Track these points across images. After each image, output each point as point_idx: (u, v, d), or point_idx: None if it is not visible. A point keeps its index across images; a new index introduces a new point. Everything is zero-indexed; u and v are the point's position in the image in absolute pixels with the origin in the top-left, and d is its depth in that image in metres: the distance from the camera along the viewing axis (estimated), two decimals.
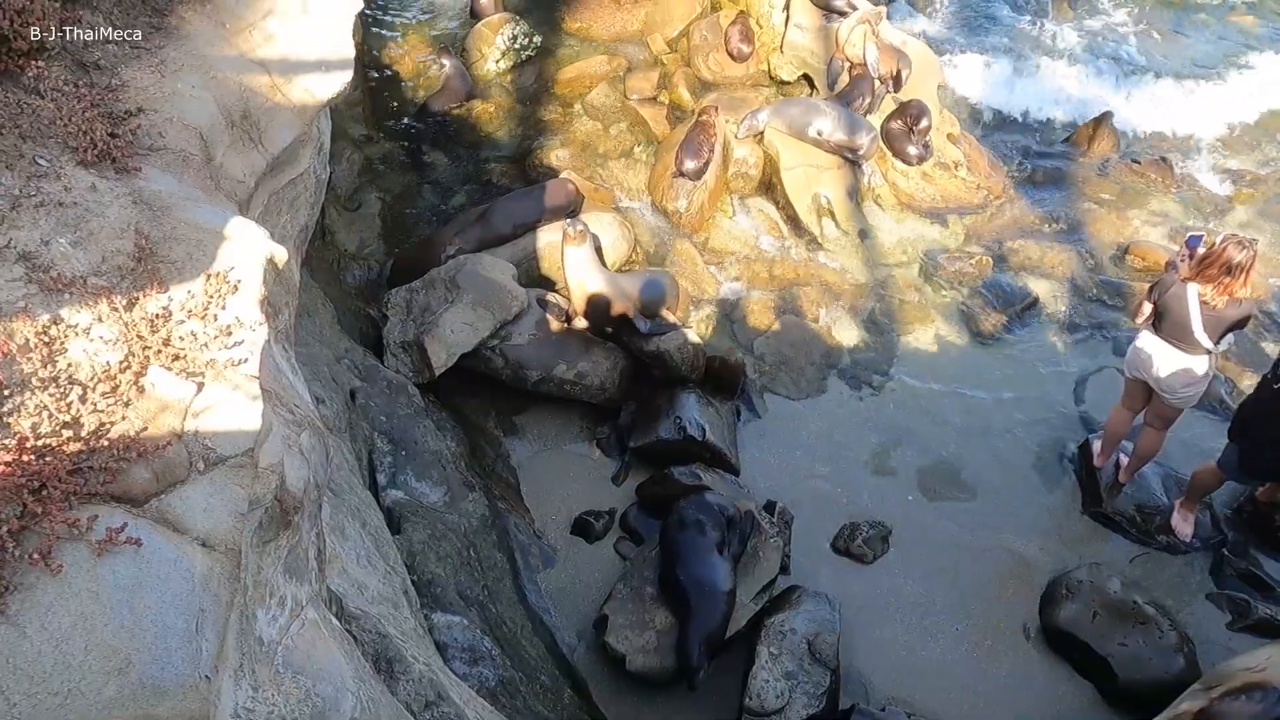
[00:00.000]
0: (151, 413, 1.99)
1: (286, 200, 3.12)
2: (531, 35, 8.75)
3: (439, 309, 5.89)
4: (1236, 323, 4.64)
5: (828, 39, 8.14)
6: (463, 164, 7.88)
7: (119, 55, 2.55)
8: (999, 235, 7.59)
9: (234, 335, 2.19)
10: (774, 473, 5.88)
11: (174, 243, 2.23)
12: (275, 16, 2.89)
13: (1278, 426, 4.65)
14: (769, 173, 7.65)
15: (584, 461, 5.84)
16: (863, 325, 6.85)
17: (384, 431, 5.16)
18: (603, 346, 6.07)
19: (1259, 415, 4.73)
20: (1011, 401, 6.35)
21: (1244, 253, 4.44)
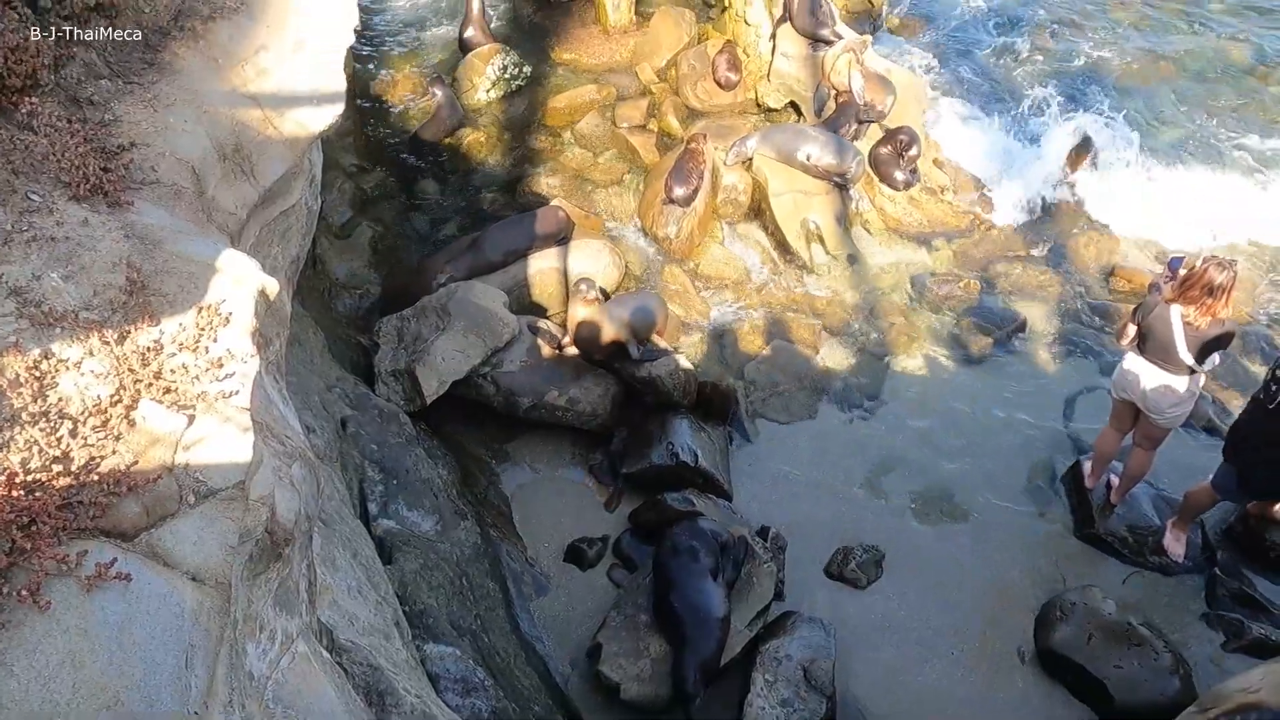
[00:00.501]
0: (142, 446, 1.99)
1: (278, 231, 3.14)
2: (521, 65, 8.84)
3: (430, 337, 5.90)
4: (1219, 342, 4.69)
5: (814, 67, 8.26)
6: (454, 192, 7.93)
7: (112, 91, 2.57)
8: (986, 259, 7.66)
9: (225, 367, 2.20)
10: (767, 497, 5.88)
11: (166, 276, 2.24)
12: (268, 52, 2.92)
13: (1274, 448, 4.68)
14: (758, 199, 7.72)
15: (576, 488, 5.83)
16: (853, 349, 6.89)
17: (375, 460, 5.14)
18: (594, 373, 6.07)
19: (1254, 435, 4.75)
20: (1002, 423, 6.37)
21: (1225, 274, 4.50)
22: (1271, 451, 4.70)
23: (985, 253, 7.72)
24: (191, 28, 2.81)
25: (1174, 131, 9.11)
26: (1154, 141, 8.93)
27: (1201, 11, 10.86)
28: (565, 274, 6.79)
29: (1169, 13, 10.83)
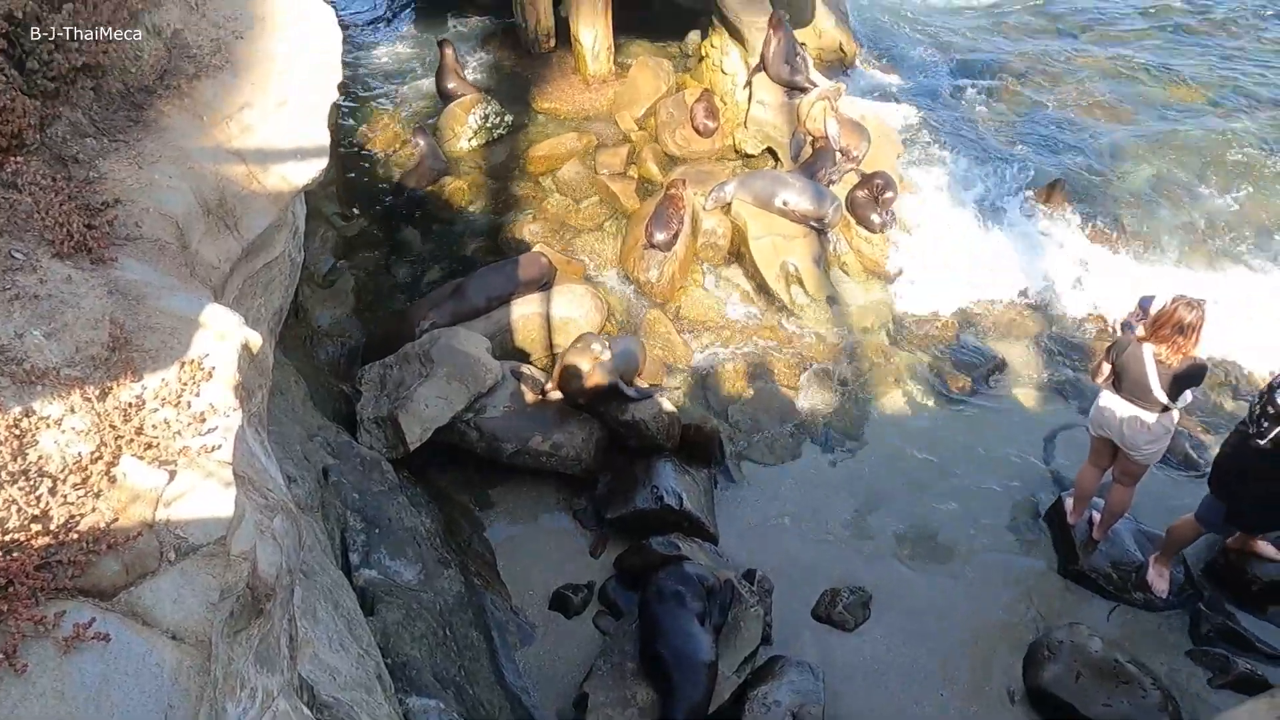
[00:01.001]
0: (122, 503, 1.98)
1: (261, 283, 3.16)
2: (503, 115, 8.99)
3: (413, 383, 5.90)
4: (1192, 379, 4.77)
5: (790, 114, 8.46)
6: (436, 240, 8.00)
7: (98, 149, 2.61)
8: (964, 296, 7.78)
9: (207, 422, 2.20)
10: (752, 540, 5.86)
11: (149, 331, 2.25)
12: (252, 108, 2.97)
13: (1262, 483, 4.72)
14: (737, 242, 7.84)
15: (561, 534, 5.79)
16: (835, 389, 6.95)
17: (357, 509, 5.09)
18: (578, 417, 6.08)
19: (1242, 469, 4.76)
20: (983, 461, 6.42)
21: (1194, 313, 4.60)
22: (1260, 486, 4.74)
23: (963, 290, 7.83)
24: (177, 85, 2.85)
25: (1144, 171, 9.36)
26: (1124, 184, 9.17)
27: (1160, 60, 11.23)
28: (548, 319, 6.83)
29: (1128, 62, 11.20)
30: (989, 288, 7.85)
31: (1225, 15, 12.02)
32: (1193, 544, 5.48)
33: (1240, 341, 7.26)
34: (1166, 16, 12.00)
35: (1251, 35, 11.62)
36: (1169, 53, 11.31)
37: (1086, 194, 8.96)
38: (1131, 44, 11.45)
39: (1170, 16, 12.02)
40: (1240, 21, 11.88)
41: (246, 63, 3.06)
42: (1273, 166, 9.31)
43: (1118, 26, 11.86)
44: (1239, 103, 10.30)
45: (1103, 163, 9.46)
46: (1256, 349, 7.24)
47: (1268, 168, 9.29)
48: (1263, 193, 8.96)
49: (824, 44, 10.23)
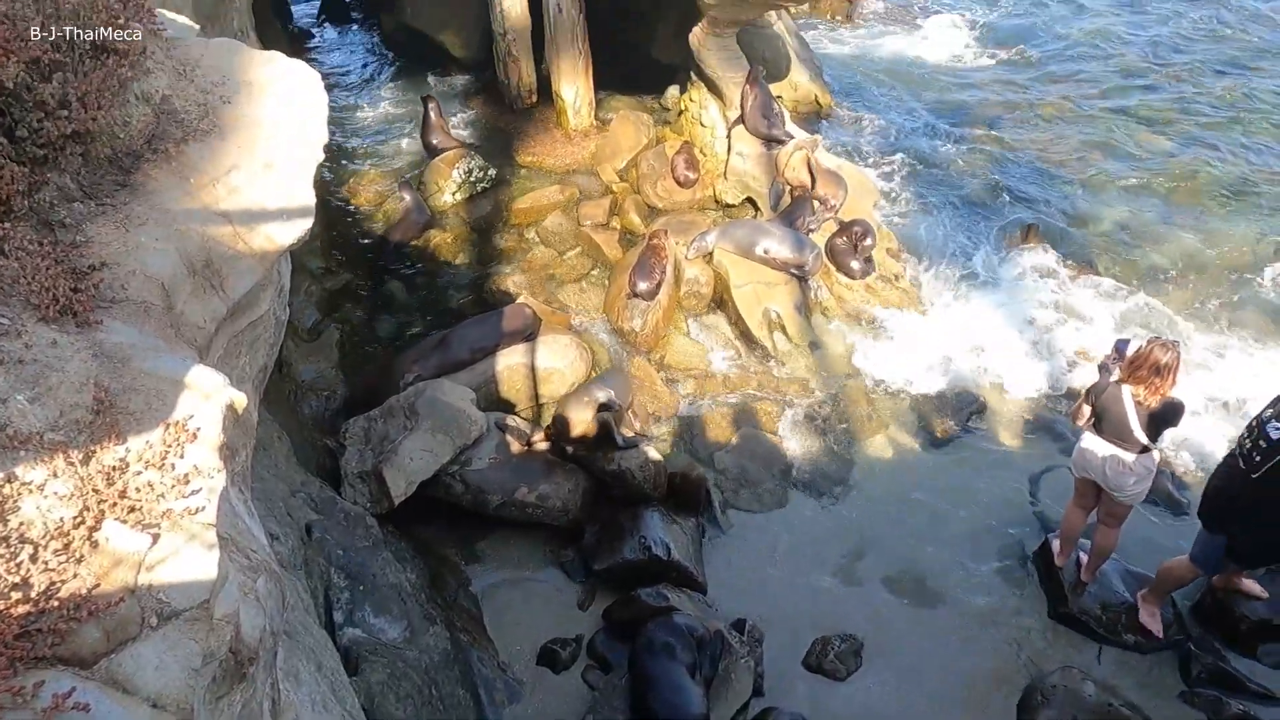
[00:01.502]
0: (104, 568, 1.96)
1: (246, 342, 3.17)
2: (486, 168, 9.13)
3: (398, 437, 5.88)
4: (1170, 419, 4.84)
5: (768, 164, 8.64)
6: (421, 292, 8.04)
7: (85, 213, 2.63)
8: (945, 339, 7.87)
9: (191, 483, 2.19)
10: (741, 589, 5.82)
11: (133, 393, 2.26)
12: (239, 171, 3.02)
13: (1256, 517, 4.73)
14: (720, 290, 7.93)
15: (548, 587, 5.73)
16: (820, 435, 6.98)
17: (341, 566, 5.03)
18: (563, 468, 6.07)
19: (1239, 503, 4.77)
20: (969, 504, 6.44)
21: (1169, 354, 4.69)
22: (1258, 519, 4.76)
23: (943, 334, 7.92)
24: (165, 150, 2.90)
25: (1114, 213, 9.59)
26: (1096, 226, 9.39)
27: (1127, 103, 11.60)
28: (533, 370, 6.85)
29: (1102, 106, 11.56)
30: (968, 330, 7.95)
31: (1183, 67, 12.46)
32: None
33: (1216, 377, 7.38)
34: (1130, 70, 12.42)
35: (1207, 86, 12.04)
36: (1132, 101, 11.68)
37: (1060, 237, 9.16)
38: (1096, 94, 11.82)
39: (1132, 69, 12.44)
40: (1197, 73, 12.31)
41: (234, 127, 3.11)
42: (1234, 208, 9.58)
43: (1082, 77, 12.26)
44: (1200, 150, 10.62)
45: (1074, 206, 9.70)
46: (1232, 383, 7.36)
47: (1230, 209, 9.56)
48: (1227, 234, 9.20)
49: (800, 96, 10.51)
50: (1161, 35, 13.30)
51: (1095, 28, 13.52)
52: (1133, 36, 13.29)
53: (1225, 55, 12.67)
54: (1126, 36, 13.27)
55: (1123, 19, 13.83)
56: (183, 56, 3.24)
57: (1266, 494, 4.61)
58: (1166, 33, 13.36)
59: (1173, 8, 14.14)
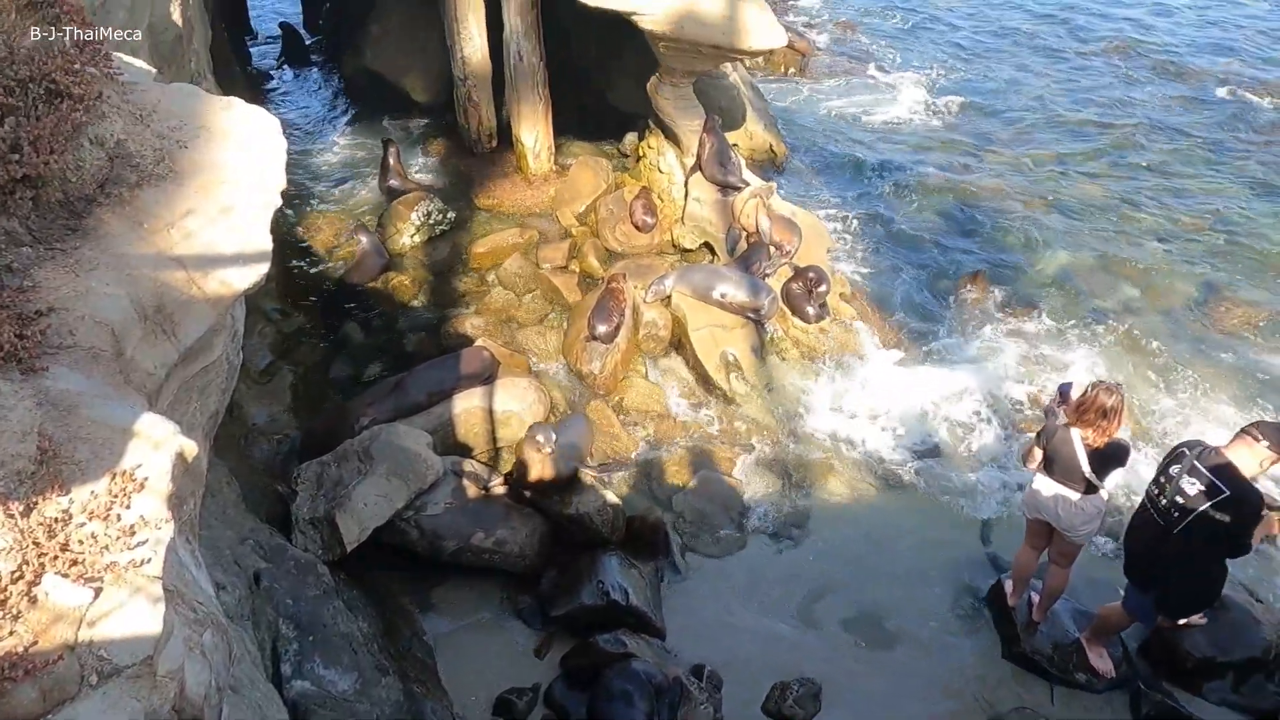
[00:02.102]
0: (43, 624, 1.90)
1: (197, 388, 3.12)
2: (445, 211, 9.15)
3: (351, 482, 5.78)
4: (1118, 459, 4.97)
5: (725, 210, 8.81)
6: (378, 335, 7.98)
7: (34, 257, 2.59)
8: (898, 382, 8.02)
9: (137, 535, 2.14)
10: (700, 633, 5.79)
11: (79, 442, 2.21)
12: (194, 215, 3.00)
13: (1185, 567, 4.82)
14: (678, 333, 8.01)
15: (504, 634, 5.64)
16: (777, 477, 7.03)
17: (290, 616, 4.90)
18: (520, 512, 6.02)
19: (1164, 560, 4.84)
20: (924, 545, 6.52)
21: (1114, 397, 4.84)
22: (1184, 572, 4.86)
23: (896, 377, 8.08)
24: (119, 194, 2.87)
25: (1058, 259, 9.94)
26: (1040, 272, 9.72)
27: (1069, 156, 12.12)
28: (490, 413, 6.81)
29: (1044, 158, 12.05)
30: (920, 374, 8.13)
31: (1121, 125, 13.08)
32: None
33: (1156, 417, 7.64)
34: (1072, 126, 12.99)
35: (1151, 137, 12.65)
36: (1074, 154, 12.20)
37: (1007, 282, 9.45)
38: (1041, 148, 12.33)
39: (1074, 125, 13.02)
40: (1142, 126, 12.94)
41: (190, 171, 3.10)
42: (1171, 253, 10.03)
43: (1028, 132, 12.79)
44: (1136, 199, 11.11)
45: (1019, 253, 10.03)
46: (1172, 421, 7.62)
47: (1163, 254, 10.00)
48: (1162, 277, 9.60)
49: (755, 145, 10.77)
50: (1102, 94, 13.97)
51: (1041, 86, 14.16)
52: (1075, 95, 13.93)
53: (1156, 113, 13.34)
54: (1069, 95, 13.91)
55: (1066, 79, 14.51)
56: (139, 101, 3.23)
57: (1190, 548, 4.71)
58: (1107, 93, 14.04)
59: (1111, 70, 14.88)
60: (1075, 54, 15.55)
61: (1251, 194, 11.28)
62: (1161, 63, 15.03)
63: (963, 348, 8.51)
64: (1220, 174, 11.77)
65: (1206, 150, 12.34)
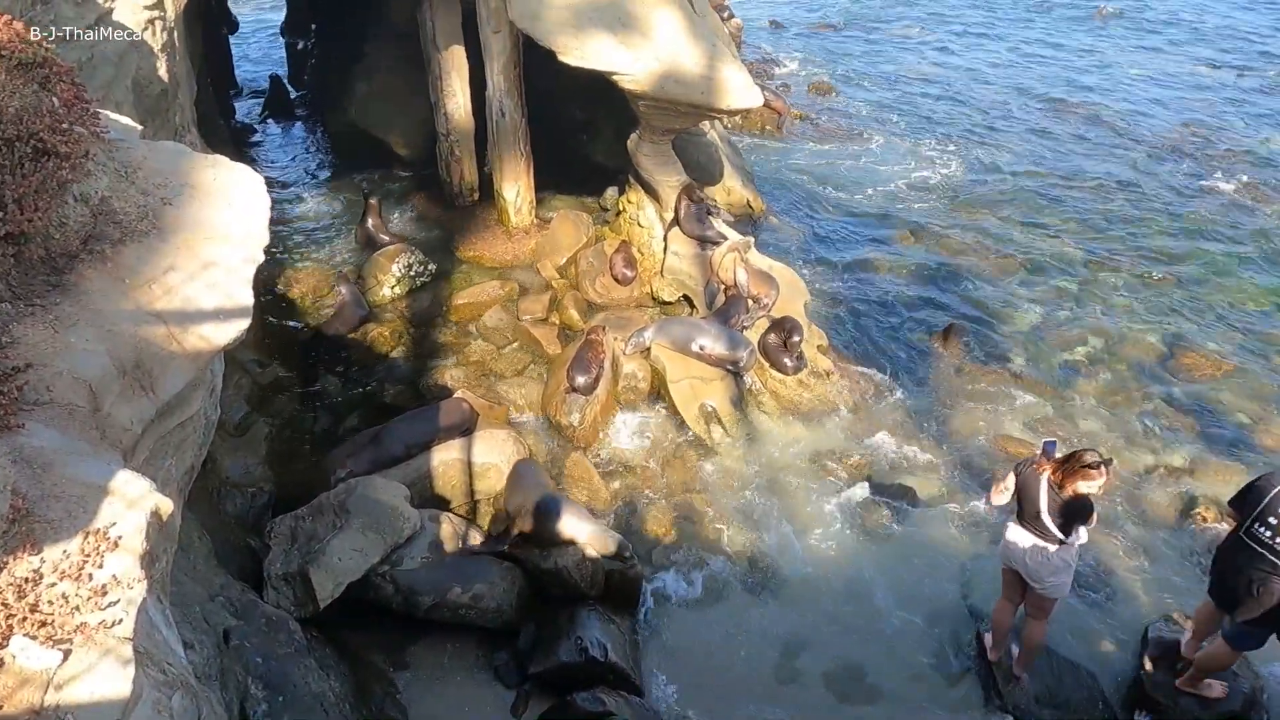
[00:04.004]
0: (9, 688, 1.87)
1: (174, 443, 3.10)
2: (426, 263, 9.22)
3: (326, 536, 5.71)
4: (1080, 513, 5.00)
5: (703, 264, 8.95)
6: (356, 386, 7.95)
7: (13, 313, 2.59)
8: (874, 433, 8.11)
9: (109, 594, 2.12)
10: (679, 689, 5.72)
11: (53, 500, 2.19)
12: (176, 271, 3.02)
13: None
14: (657, 385, 8.06)
15: (480, 693, 5.53)
16: (756, 527, 7.02)
17: (259, 676, 4.78)
18: (499, 566, 5.96)
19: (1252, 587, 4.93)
20: (904, 596, 6.51)
21: (1095, 458, 4.87)
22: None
23: (873, 428, 8.18)
24: (101, 251, 2.89)
25: (1030, 315, 10.16)
26: (1012, 326, 9.92)
27: (1040, 215, 12.47)
28: (469, 465, 6.78)
29: (1015, 216, 12.38)
30: (896, 425, 8.21)
31: (1094, 180, 13.52)
32: (1105, 672, 5.61)
33: (1122, 467, 7.74)
34: (1043, 184, 13.40)
35: (1119, 196, 13.06)
36: (1045, 213, 12.56)
37: (979, 336, 9.62)
38: (1013, 207, 12.68)
39: (1045, 183, 13.43)
40: (1108, 185, 13.37)
41: (174, 228, 3.13)
42: (1136, 307, 10.28)
43: (1000, 191, 13.16)
44: (1105, 256, 11.42)
45: (991, 308, 10.24)
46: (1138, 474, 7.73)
47: (1132, 308, 10.25)
48: (1131, 331, 9.82)
49: (733, 200, 10.98)
50: (1070, 156, 14.46)
51: (1012, 148, 14.63)
52: (1044, 157, 14.41)
53: (1124, 172, 13.80)
54: (1038, 157, 14.38)
55: (1036, 141, 15.01)
56: (125, 158, 3.27)
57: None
58: (1074, 155, 14.53)
59: (1077, 132, 15.44)
60: (1043, 117, 16.12)
61: (1215, 249, 11.65)
62: (1123, 126, 15.61)
63: (936, 401, 8.62)
64: (1186, 230, 12.15)
65: (1170, 207, 12.75)
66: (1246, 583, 4.97)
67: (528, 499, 6.10)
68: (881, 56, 19.65)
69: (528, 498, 6.11)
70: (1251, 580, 4.94)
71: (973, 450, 8.07)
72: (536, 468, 6.65)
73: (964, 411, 8.47)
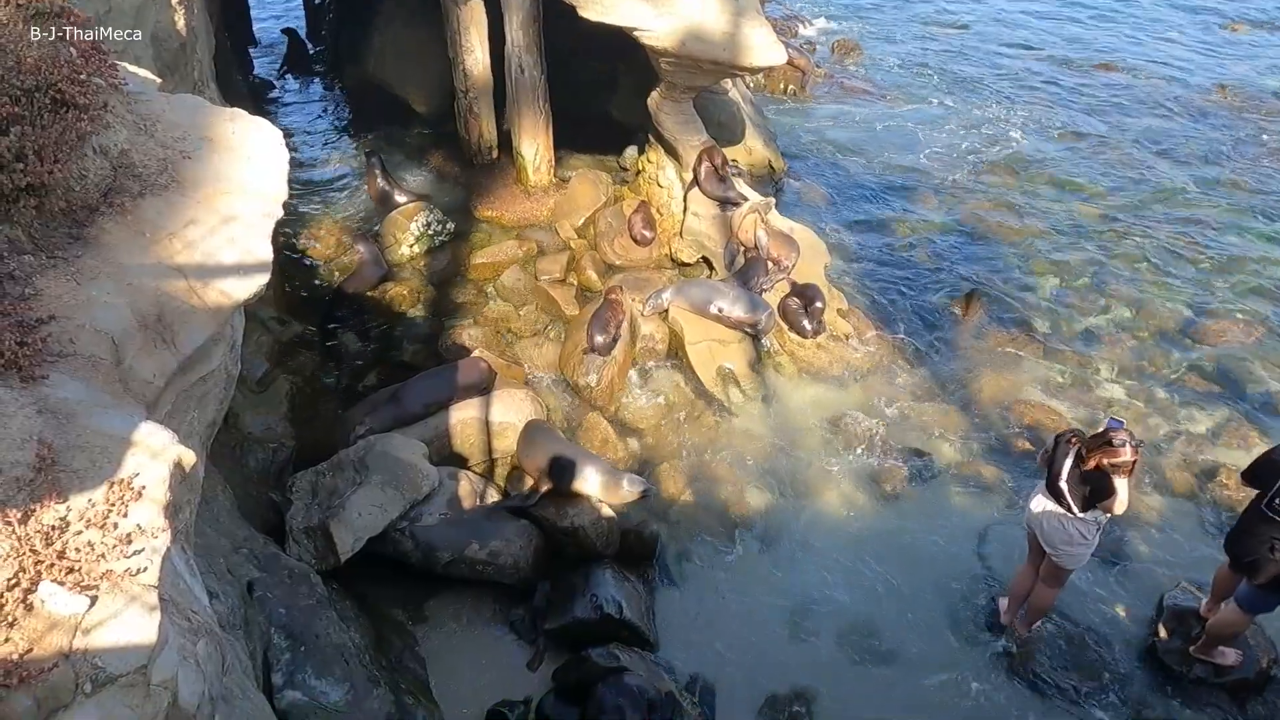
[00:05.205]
0: (39, 632, 1.91)
1: (195, 397, 3.13)
2: (445, 222, 9.18)
3: (346, 491, 5.78)
4: (1100, 491, 4.92)
5: (723, 225, 8.85)
6: (375, 345, 7.99)
7: (35, 266, 2.61)
8: (893, 398, 8.07)
9: (134, 543, 2.15)
10: (693, 645, 5.80)
11: (78, 450, 2.22)
12: (196, 225, 3.02)
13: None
14: (675, 347, 8.03)
15: (497, 647, 5.64)
16: (773, 489, 7.04)
17: (282, 626, 4.89)
18: (516, 524, 6.02)
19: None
20: (919, 559, 6.53)
21: (1126, 445, 4.75)
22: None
23: (892, 392, 8.13)
24: (121, 204, 2.89)
25: (1051, 281, 10.00)
26: (1035, 292, 9.77)
27: (1067, 178, 12.20)
28: (487, 424, 6.82)
29: (1042, 179, 12.12)
30: (915, 389, 8.16)
31: (1122, 141, 13.19)
32: (1119, 638, 5.63)
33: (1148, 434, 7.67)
34: (1070, 147, 13.09)
35: (1149, 159, 12.74)
36: (1074, 176, 12.28)
37: (1001, 302, 9.49)
38: (1038, 170, 12.40)
39: (1073, 146, 13.11)
40: (1138, 148, 13.04)
41: (193, 182, 3.13)
42: (1162, 272, 10.08)
43: (1025, 153, 12.86)
44: (1132, 221, 11.18)
45: (1014, 273, 10.07)
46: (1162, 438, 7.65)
47: (1159, 276, 10.05)
48: (1157, 299, 9.64)
49: (754, 160, 10.82)
50: (1099, 116, 14.09)
51: (1039, 109, 14.26)
52: (1073, 117, 14.03)
53: (1153, 135, 13.45)
54: (1068, 117, 14.01)
55: (1064, 102, 14.61)
56: (144, 111, 3.26)
57: None
58: (1104, 115, 14.16)
59: (1107, 91, 15.02)
60: (1071, 77, 15.68)
61: (1248, 215, 11.37)
62: (1155, 89, 15.17)
63: (956, 366, 8.54)
64: (1215, 194, 11.86)
65: (1201, 172, 12.43)
66: (1266, 546, 4.94)
67: (543, 457, 6.13)
68: (910, 14, 19.14)
69: (543, 456, 6.14)
70: (1273, 544, 4.91)
71: (992, 415, 8.01)
72: (547, 427, 6.67)
73: (984, 377, 8.39)
